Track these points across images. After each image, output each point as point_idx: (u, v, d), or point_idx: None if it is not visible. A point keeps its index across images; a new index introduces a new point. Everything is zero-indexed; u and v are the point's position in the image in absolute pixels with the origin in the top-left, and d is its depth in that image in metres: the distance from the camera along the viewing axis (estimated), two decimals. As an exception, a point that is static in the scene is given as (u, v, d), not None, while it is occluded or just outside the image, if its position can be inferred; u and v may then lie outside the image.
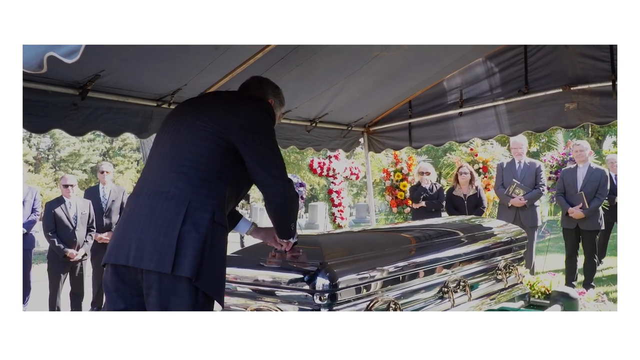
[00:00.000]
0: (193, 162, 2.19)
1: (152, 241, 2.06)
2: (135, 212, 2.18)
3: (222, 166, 2.21)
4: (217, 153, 2.22)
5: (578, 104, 4.61)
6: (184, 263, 2.02)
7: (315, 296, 2.50)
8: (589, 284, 6.16)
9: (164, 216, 2.09)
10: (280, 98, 2.62)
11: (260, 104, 2.42)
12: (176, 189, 2.13)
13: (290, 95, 4.56)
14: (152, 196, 2.17)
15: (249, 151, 2.24)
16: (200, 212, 2.10)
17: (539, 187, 6.41)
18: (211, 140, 2.22)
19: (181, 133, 2.29)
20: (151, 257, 2.05)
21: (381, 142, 6.03)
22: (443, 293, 3.24)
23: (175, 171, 2.18)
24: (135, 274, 2.12)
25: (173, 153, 2.25)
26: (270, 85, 2.59)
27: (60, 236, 5.81)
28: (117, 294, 2.17)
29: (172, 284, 2.05)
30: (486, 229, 4.02)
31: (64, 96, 3.41)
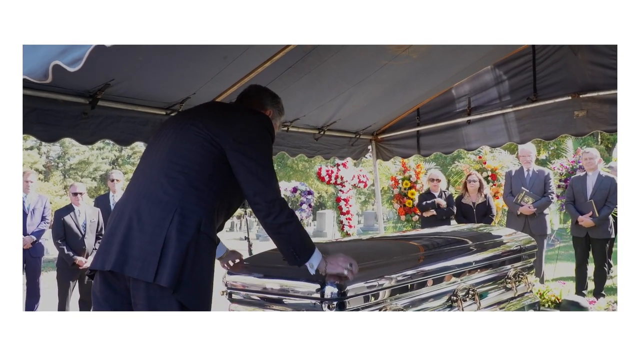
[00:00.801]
0: (184, 167, 2.15)
1: (138, 247, 2.01)
2: (122, 217, 2.12)
3: (213, 175, 2.16)
4: (209, 160, 2.17)
5: (587, 111, 4.60)
6: (164, 272, 1.96)
7: (323, 304, 2.50)
8: (599, 292, 6.11)
9: (150, 221, 2.03)
10: (279, 107, 2.57)
11: (258, 118, 2.34)
12: (165, 194, 2.09)
13: (298, 104, 4.59)
14: (139, 200, 2.12)
15: (238, 164, 2.17)
16: (187, 219, 2.04)
17: (547, 195, 6.38)
18: (204, 147, 2.18)
19: (175, 137, 2.26)
20: (135, 263, 2.00)
21: (389, 150, 6.02)
22: (452, 301, 3.22)
23: (166, 175, 2.14)
24: (125, 282, 2.08)
25: (164, 157, 2.20)
26: (268, 95, 2.55)
27: (69, 244, 5.84)
28: (107, 304, 2.11)
29: (159, 293, 2.00)
30: (495, 237, 4.00)
31: (75, 105, 3.43)
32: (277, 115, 2.53)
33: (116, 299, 2.11)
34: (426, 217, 6.81)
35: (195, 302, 2.05)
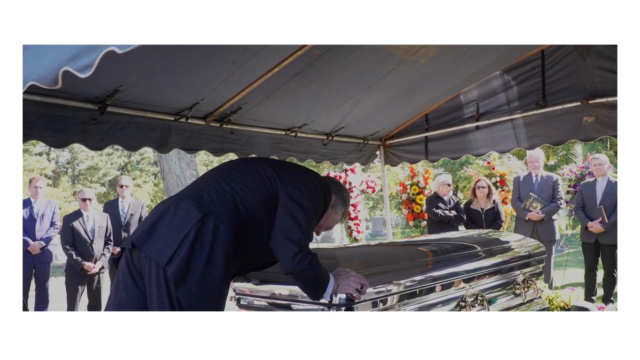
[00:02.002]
0: (236, 186, 2.24)
1: (163, 233, 2.09)
2: (163, 205, 2.24)
3: (257, 207, 2.22)
4: (261, 194, 2.25)
5: (596, 117, 4.58)
6: (175, 262, 2.02)
7: (332, 310, 2.50)
8: (608, 298, 6.06)
9: (183, 215, 2.11)
10: (344, 197, 2.56)
11: (322, 184, 2.42)
12: (207, 199, 2.17)
13: (306, 109, 4.60)
14: (184, 196, 2.23)
15: (284, 205, 2.24)
16: (213, 226, 2.09)
17: (556, 200, 6.35)
18: (262, 180, 2.29)
19: (242, 167, 2.38)
20: (155, 245, 2.07)
21: (397, 155, 6.02)
22: (460, 307, 3.21)
23: (217, 186, 2.24)
24: (140, 266, 2.13)
25: (225, 175, 2.31)
26: (335, 184, 2.58)
27: (77, 249, 5.88)
28: (125, 290, 2.16)
29: (169, 282, 2.04)
30: (504, 242, 3.99)
31: (84, 111, 3.45)
32: (339, 203, 2.53)
33: (134, 288, 2.14)
34: (434, 223, 6.76)
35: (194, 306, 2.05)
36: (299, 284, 2.29)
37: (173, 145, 4.05)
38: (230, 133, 4.41)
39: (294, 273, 2.18)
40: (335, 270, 2.40)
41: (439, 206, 6.65)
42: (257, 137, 4.67)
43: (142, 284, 2.12)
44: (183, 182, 8.28)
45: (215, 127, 4.28)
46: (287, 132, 4.89)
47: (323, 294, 2.28)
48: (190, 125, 4.10)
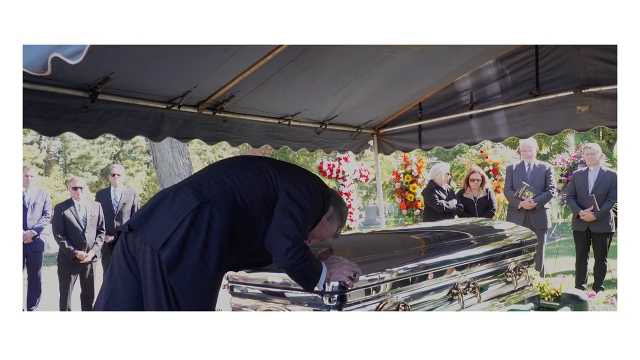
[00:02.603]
0: (236, 179, 2.24)
1: (160, 218, 2.09)
2: (162, 192, 2.25)
3: (255, 202, 2.23)
4: (260, 190, 2.26)
5: (590, 106, 4.59)
6: (169, 246, 2.02)
7: (324, 297, 2.51)
8: (598, 286, 6.12)
9: (180, 202, 2.12)
10: (341, 211, 2.53)
11: (323, 188, 2.42)
12: (207, 189, 2.17)
13: (299, 98, 4.59)
14: (184, 185, 2.24)
15: (282, 202, 2.24)
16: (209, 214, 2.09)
17: (548, 189, 6.38)
18: (262, 176, 2.29)
19: (244, 162, 2.38)
20: (150, 230, 2.08)
21: (391, 144, 6.01)
22: (452, 295, 3.23)
23: (217, 178, 2.24)
24: (135, 251, 2.13)
25: (226, 169, 2.32)
26: (335, 197, 2.54)
27: (69, 238, 5.86)
28: (120, 275, 2.15)
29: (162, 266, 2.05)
30: (496, 231, 4.01)
31: (74, 99, 3.42)
32: (336, 217, 2.51)
33: (129, 273, 2.13)
34: (431, 212, 6.67)
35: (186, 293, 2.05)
36: (292, 277, 2.31)
37: (166, 133, 4.03)
38: (223, 121, 4.39)
39: (287, 267, 2.19)
40: (328, 259, 2.41)
41: (440, 196, 6.58)
42: (250, 125, 4.65)
43: (137, 270, 2.12)
44: (176, 171, 8.25)
45: (208, 115, 4.26)
46: (280, 120, 4.88)
47: (317, 283, 2.30)
48: (182, 114, 4.08)
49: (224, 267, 2.21)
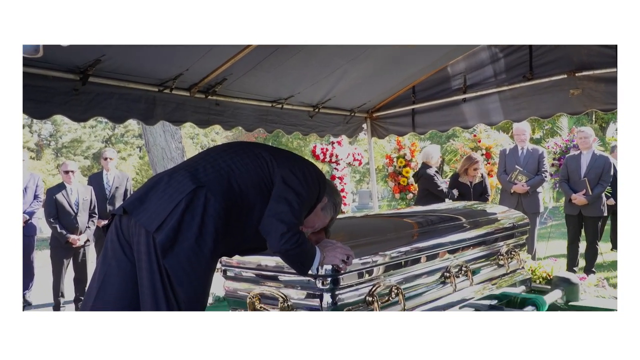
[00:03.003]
0: (232, 164, 2.23)
1: (155, 201, 2.08)
2: (157, 176, 2.24)
3: (250, 187, 2.21)
4: (256, 175, 2.24)
5: (583, 90, 4.59)
6: (164, 229, 2.01)
7: (317, 281, 2.51)
8: (590, 269, 6.17)
9: (176, 185, 2.10)
10: (335, 202, 2.50)
11: (319, 176, 2.39)
12: (202, 173, 2.16)
13: (292, 81, 4.56)
14: (180, 168, 2.23)
15: (278, 188, 2.22)
16: (204, 198, 2.08)
17: (541, 173, 6.40)
18: (258, 162, 2.27)
19: (240, 148, 2.36)
20: (145, 212, 2.06)
21: (384, 128, 6.00)
22: (445, 278, 3.25)
23: (212, 162, 2.23)
24: (129, 235, 2.11)
25: (222, 154, 2.30)
26: (330, 187, 2.51)
27: (61, 222, 5.84)
28: (114, 258, 2.14)
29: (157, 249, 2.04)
30: (488, 214, 4.02)
31: (65, 81, 3.39)
32: (330, 207, 2.48)
33: (123, 256, 2.12)
34: (427, 196, 6.58)
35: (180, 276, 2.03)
36: (285, 262, 2.30)
37: (159, 117, 4.00)
38: (216, 105, 4.37)
39: (281, 252, 2.18)
40: (322, 242, 2.41)
41: (440, 181, 6.47)
42: (243, 108, 4.63)
43: (131, 253, 2.11)
44: (168, 155, 8.21)
45: (200, 98, 4.23)
46: (273, 104, 4.85)
47: (310, 267, 2.29)
48: (175, 97, 4.05)
49: (219, 252, 2.20)
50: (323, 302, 2.53)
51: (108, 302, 2.08)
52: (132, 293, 2.08)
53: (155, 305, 2.02)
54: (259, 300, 2.73)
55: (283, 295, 2.64)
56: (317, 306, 2.55)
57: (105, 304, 2.08)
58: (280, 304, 2.61)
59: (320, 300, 2.54)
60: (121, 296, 2.09)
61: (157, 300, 2.02)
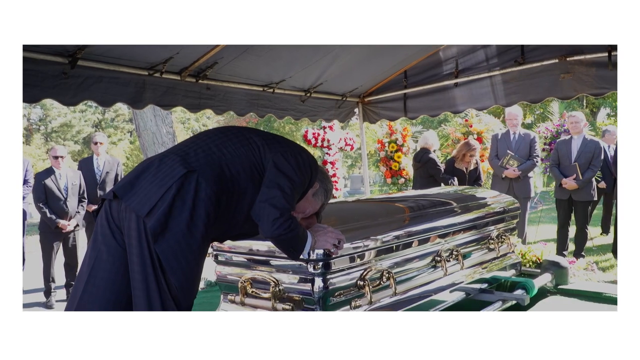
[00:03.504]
0: (224, 149, 2.22)
1: (146, 185, 2.07)
2: (145, 161, 2.22)
3: (241, 173, 2.20)
4: (248, 161, 2.23)
5: (574, 74, 4.59)
6: (155, 214, 2.00)
7: (309, 265, 2.52)
8: (579, 253, 6.22)
9: (166, 169, 2.09)
10: (327, 188, 2.50)
11: (311, 161, 2.38)
12: (194, 157, 2.15)
13: (283, 65, 4.54)
14: (170, 153, 2.21)
15: (270, 173, 2.21)
16: (195, 183, 2.07)
17: (532, 158, 6.42)
18: (250, 147, 2.26)
19: (232, 133, 2.34)
20: (136, 196, 2.05)
21: (376, 112, 5.99)
22: (436, 262, 3.27)
23: (204, 147, 2.21)
24: (119, 219, 2.10)
25: (214, 138, 2.28)
26: (321, 173, 2.50)
27: (51, 207, 5.81)
28: (104, 242, 2.13)
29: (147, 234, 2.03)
30: (479, 199, 4.04)
31: (54, 65, 3.35)
32: (321, 193, 2.47)
33: (113, 241, 2.11)
34: (425, 181, 6.55)
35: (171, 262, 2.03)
36: (277, 246, 2.30)
37: (148, 101, 3.97)
38: (207, 89, 4.34)
39: (273, 237, 2.18)
40: (313, 227, 2.41)
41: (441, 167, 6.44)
42: (234, 93, 4.60)
43: (121, 238, 2.10)
44: (159, 140, 8.17)
45: (190, 82, 4.20)
46: (264, 88, 4.83)
47: (302, 251, 2.29)
48: (165, 81, 4.02)
49: (210, 237, 2.20)
50: (314, 287, 2.54)
51: (99, 287, 2.08)
52: (123, 278, 2.08)
53: (146, 290, 2.02)
54: (250, 284, 2.74)
55: (275, 279, 2.64)
56: (309, 290, 2.56)
57: (96, 289, 2.08)
58: (272, 288, 2.62)
59: (311, 284, 2.55)
60: (112, 281, 2.08)
61: (148, 285, 2.02)
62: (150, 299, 2.02)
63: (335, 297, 2.61)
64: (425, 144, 6.53)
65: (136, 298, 2.04)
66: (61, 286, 6.15)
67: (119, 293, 2.08)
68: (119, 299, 2.08)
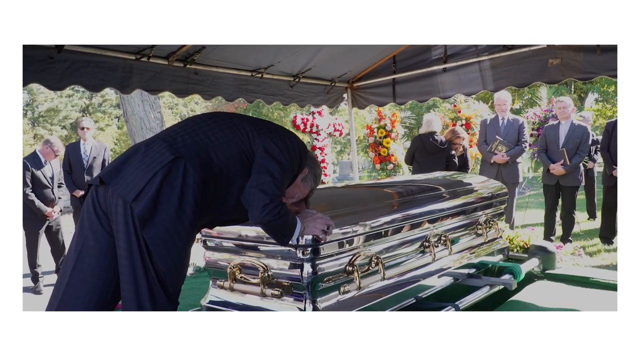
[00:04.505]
0: (212, 136, 2.20)
1: (132, 170, 2.05)
2: (132, 147, 2.20)
3: (230, 160, 2.18)
4: (236, 147, 2.21)
5: (562, 59, 4.60)
6: (142, 199, 1.98)
7: (298, 251, 2.53)
8: (566, 238, 6.29)
9: (153, 155, 2.07)
10: (316, 173, 2.49)
11: (300, 144, 2.37)
12: (181, 143, 2.13)
13: (272, 50, 4.51)
14: (157, 138, 2.18)
15: (260, 158, 2.20)
16: (183, 169, 2.05)
17: (521, 143, 6.45)
18: (238, 133, 2.24)
19: (219, 118, 2.32)
20: (122, 181, 2.04)
21: (365, 98, 5.98)
22: (424, 247, 3.29)
23: (191, 133, 2.19)
24: (105, 204, 2.09)
25: (201, 124, 2.26)
26: (310, 158, 2.49)
27: (37, 195, 5.81)
28: (90, 229, 2.12)
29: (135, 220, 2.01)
30: (467, 184, 4.06)
31: (40, 49, 3.31)
32: (310, 178, 2.46)
33: (99, 227, 2.10)
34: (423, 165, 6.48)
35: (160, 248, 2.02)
36: (266, 232, 2.29)
37: (135, 85, 3.93)
38: (195, 74, 4.30)
39: (263, 223, 2.17)
40: (302, 212, 2.41)
41: None
42: (222, 78, 4.57)
43: (108, 224, 2.09)
44: (147, 125, 8.12)
45: (178, 67, 4.16)
46: (253, 73, 4.80)
47: (291, 237, 2.29)
48: (152, 65, 3.98)
49: (199, 223, 2.18)
50: (303, 272, 2.55)
51: (86, 274, 2.07)
52: (110, 264, 2.07)
53: (134, 276, 2.01)
54: (239, 270, 2.74)
55: (263, 265, 2.65)
56: (298, 276, 2.57)
57: (83, 275, 2.07)
58: (261, 274, 2.62)
59: (300, 270, 2.56)
60: (99, 267, 2.07)
61: (136, 271, 2.01)
62: (137, 285, 2.01)
63: (324, 283, 2.62)
64: (430, 128, 6.35)
65: (124, 284, 2.03)
66: (50, 271, 6.14)
67: (105, 279, 2.07)
68: (105, 285, 2.08)
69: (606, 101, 19.65)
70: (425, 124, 6.40)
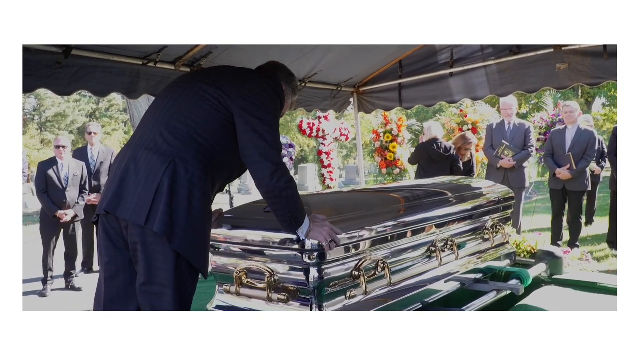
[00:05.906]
0: (187, 119, 2.16)
1: (132, 191, 2.04)
2: (121, 164, 2.16)
3: (216, 132, 2.16)
4: (215, 117, 2.18)
5: (569, 64, 4.59)
6: (156, 218, 1.98)
7: (304, 255, 2.52)
8: (574, 243, 6.25)
9: (146, 168, 2.05)
10: (293, 86, 2.52)
11: (270, 82, 2.36)
12: (164, 143, 2.10)
13: (278, 53, 4.50)
14: (138, 148, 2.14)
15: (244, 123, 2.16)
16: (182, 170, 2.05)
17: (527, 148, 6.43)
18: (211, 103, 2.19)
19: (182, 92, 2.27)
20: (128, 206, 2.03)
21: (371, 102, 5.98)
22: (431, 252, 3.28)
23: (168, 125, 2.15)
24: (120, 230, 2.11)
25: (169, 109, 2.22)
26: (284, 72, 2.51)
27: (50, 197, 5.84)
28: (107, 253, 2.16)
29: (154, 239, 2.03)
30: (474, 189, 4.04)
31: (48, 54, 3.33)
32: (290, 93, 2.49)
33: (117, 252, 2.14)
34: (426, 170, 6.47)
35: (190, 252, 2.05)
36: (277, 208, 2.23)
37: (142, 91, 3.95)
38: (201, 79, 4.31)
39: (274, 191, 2.14)
40: (311, 215, 2.41)
41: None
42: (229, 83, 4.57)
43: (123, 245, 2.12)
44: (154, 130, 8.14)
45: (185, 72, 4.17)
46: (259, 78, 4.80)
47: (300, 225, 2.27)
48: (159, 70, 4.00)
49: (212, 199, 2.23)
50: (310, 277, 2.54)
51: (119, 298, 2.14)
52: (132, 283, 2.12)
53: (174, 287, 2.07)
54: (245, 275, 2.74)
55: (270, 270, 2.65)
56: (304, 281, 2.56)
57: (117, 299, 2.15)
58: (267, 278, 2.62)
59: (307, 275, 2.55)
60: (126, 290, 2.13)
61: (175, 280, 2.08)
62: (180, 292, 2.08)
63: (330, 288, 2.61)
64: (435, 134, 6.37)
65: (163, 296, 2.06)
66: (60, 275, 6.17)
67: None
68: None
69: (614, 105, 19.60)
70: (426, 131, 6.42)
